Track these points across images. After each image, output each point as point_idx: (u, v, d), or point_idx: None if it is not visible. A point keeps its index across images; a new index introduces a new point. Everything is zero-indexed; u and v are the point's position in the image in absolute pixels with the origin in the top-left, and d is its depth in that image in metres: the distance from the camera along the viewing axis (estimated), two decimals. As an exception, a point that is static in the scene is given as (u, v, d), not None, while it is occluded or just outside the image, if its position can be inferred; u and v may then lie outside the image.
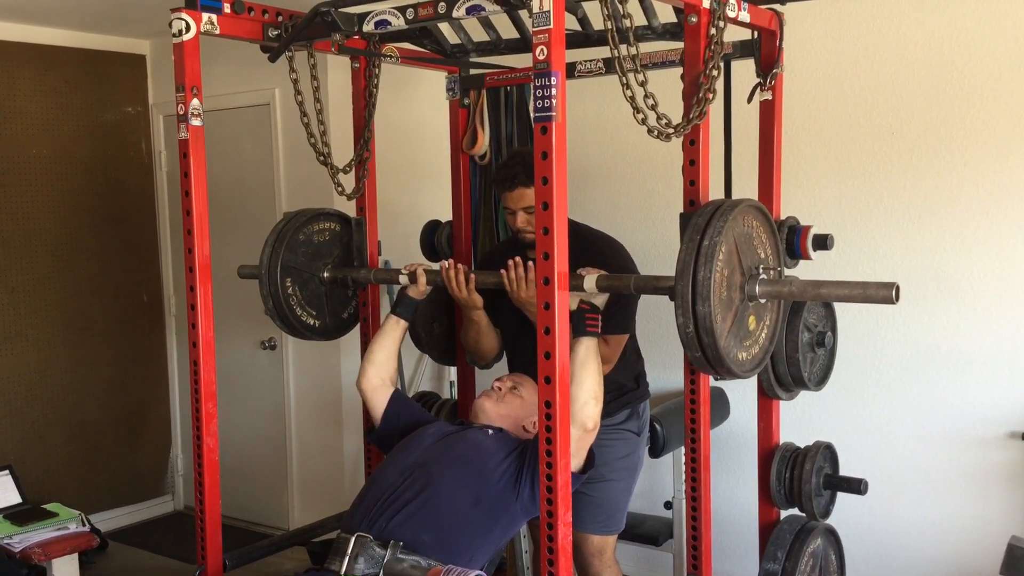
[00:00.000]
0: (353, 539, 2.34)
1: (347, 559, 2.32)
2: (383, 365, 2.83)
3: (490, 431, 2.61)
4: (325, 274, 3.01)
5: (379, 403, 2.80)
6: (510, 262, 2.62)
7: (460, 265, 2.77)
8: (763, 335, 2.34)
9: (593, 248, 2.86)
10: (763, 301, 2.27)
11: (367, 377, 2.82)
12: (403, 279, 2.84)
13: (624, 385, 2.97)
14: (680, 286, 2.10)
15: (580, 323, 2.40)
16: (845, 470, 2.97)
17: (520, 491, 2.43)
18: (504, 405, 2.70)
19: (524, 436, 2.64)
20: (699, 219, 2.14)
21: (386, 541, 2.33)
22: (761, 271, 2.24)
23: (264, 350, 4.81)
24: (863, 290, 2.14)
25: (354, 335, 3.19)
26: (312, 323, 3.01)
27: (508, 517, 2.46)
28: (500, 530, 2.47)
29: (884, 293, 2.09)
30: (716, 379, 2.44)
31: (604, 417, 2.89)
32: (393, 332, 2.85)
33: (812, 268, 2.89)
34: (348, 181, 3.07)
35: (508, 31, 3.05)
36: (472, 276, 2.75)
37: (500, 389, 2.74)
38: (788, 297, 2.29)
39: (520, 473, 2.43)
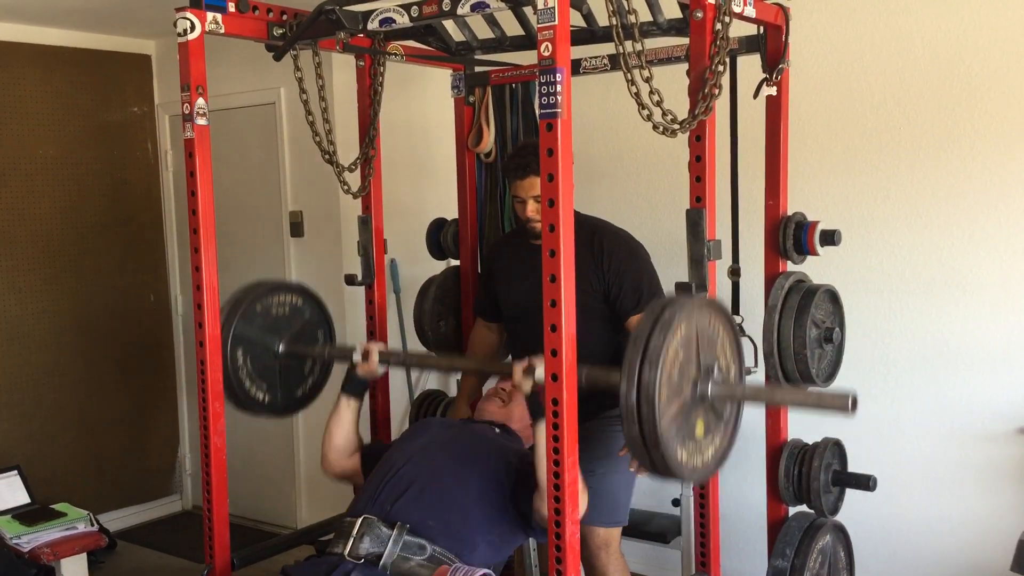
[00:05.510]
0: (359, 521, 2.31)
1: (351, 540, 2.27)
2: (345, 447, 2.77)
3: (496, 428, 2.61)
4: (280, 348, 2.88)
5: (353, 470, 2.77)
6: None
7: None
8: (709, 452, 2.12)
9: (607, 244, 2.83)
10: (714, 406, 2.08)
11: (331, 463, 2.77)
12: (356, 357, 2.74)
13: None
14: (630, 351, 1.93)
15: (540, 405, 2.21)
16: (854, 466, 2.97)
17: (519, 506, 2.40)
18: (511, 406, 2.70)
19: (531, 436, 2.63)
20: (662, 300, 2.05)
21: (392, 522, 2.29)
22: (716, 372, 2.07)
23: (271, 349, 4.80)
24: (818, 400, 2.04)
25: (359, 316, 3.11)
26: (261, 398, 2.85)
27: (509, 524, 2.44)
28: (503, 533, 2.44)
29: (839, 403, 1.96)
30: (651, 476, 2.13)
31: (606, 409, 2.90)
32: (347, 414, 2.77)
33: (819, 263, 2.89)
34: (354, 179, 3.08)
35: (513, 28, 3.05)
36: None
37: (506, 390, 2.73)
38: (741, 399, 2.15)
39: (516, 488, 2.41)
